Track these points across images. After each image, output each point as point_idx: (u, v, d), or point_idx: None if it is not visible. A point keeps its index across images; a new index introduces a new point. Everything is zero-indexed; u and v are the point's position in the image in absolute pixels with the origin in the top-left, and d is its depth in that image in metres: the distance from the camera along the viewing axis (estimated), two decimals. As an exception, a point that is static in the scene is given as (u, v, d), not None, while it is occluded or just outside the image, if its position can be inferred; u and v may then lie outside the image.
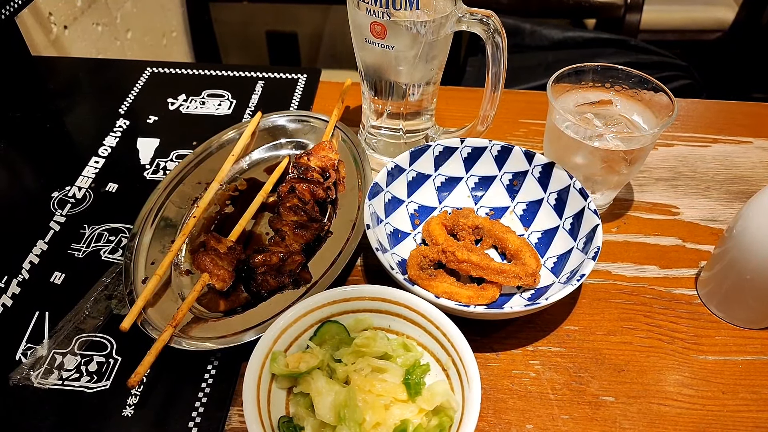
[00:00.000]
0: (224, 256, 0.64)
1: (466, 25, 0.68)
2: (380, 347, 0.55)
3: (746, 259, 0.58)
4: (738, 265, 0.59)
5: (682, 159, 0.83)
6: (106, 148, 0.85)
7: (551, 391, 0.58)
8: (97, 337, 0.62)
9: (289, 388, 0.55)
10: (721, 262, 0.62)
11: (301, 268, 0.65)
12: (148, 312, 0.61)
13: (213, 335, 0.59)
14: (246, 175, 0.79)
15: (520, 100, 0.94)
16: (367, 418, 0.50)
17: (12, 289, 0.66)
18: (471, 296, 0.61)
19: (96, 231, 0.73)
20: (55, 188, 0.78)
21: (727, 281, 0.62)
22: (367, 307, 0.58)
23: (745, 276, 0.58)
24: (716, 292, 0.64)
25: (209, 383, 0.58)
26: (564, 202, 0.69)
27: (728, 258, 0.60)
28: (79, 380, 0.58)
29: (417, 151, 0.73)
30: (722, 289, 0.63)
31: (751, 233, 0.57)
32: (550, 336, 0.63)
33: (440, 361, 0.56)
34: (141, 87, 0.96)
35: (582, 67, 0.72)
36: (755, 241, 0.57)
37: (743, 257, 0.58)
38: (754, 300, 0.60)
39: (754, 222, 0.57)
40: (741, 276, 0.59)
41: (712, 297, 0.65)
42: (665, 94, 0.68)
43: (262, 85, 0.97)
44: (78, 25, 1.27)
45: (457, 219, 0.69)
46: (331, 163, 0.75)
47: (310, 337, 0.57)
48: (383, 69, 0.72)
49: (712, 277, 0.64)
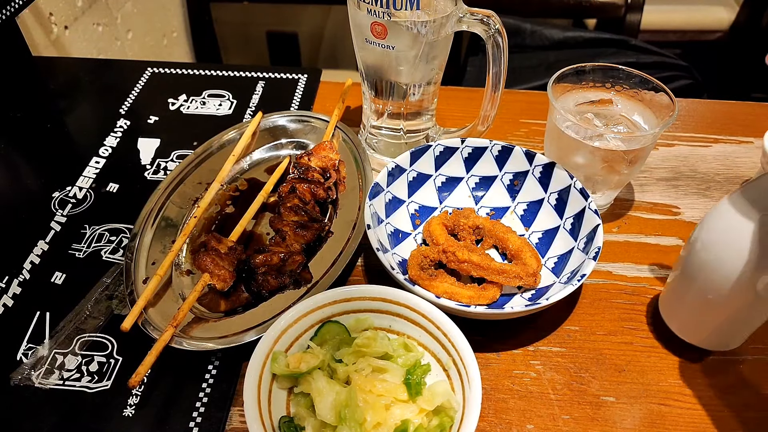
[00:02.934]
0: (225, 256, 0.64)
1: (467, 25, 0.68)
2: (381, 347, 0.55)
3: (708, 277, 0.53)
4: (699, 285, 0.54)
5: (682, 159, 0.83)
6: (107, 149, 0.85)
7: (552, 391, 0.58)
8: (98, 338, 0.62)
9: (290, 388, 0.55)
10: (681, 280, 0.58)
11: (302, 268, 0.65)
12: (149, 312, 0.61)
13: (214, 335, 0.59)
14: (247, 175, 0.79)
15: (521, 100, 0.94)
16: (368, 418, 0.50)
17: (13, 289, 0.66)
18: (472, 296, 0.61)
19: (97, 231, 0.73)
20: (56, 188, 0.78)
21: (689, 302, 0.57)
22: (367, 307, 0.58)
23: (707, 296, 0.54)
24: (678, 312, 0.60)
25: (210, 383, 0.58)
26: (565, 202, 0.69)
27: (688, 277, 0.56)
28: (80, 380, 0.58)
29: (417, 151, 0.73)
30: (684, 309, 0.58)
31: (713, 249, 0.52)
32: (551, 336, 0.63)
33: (441, 361, 0.56)
34: (141, 87, 0.96)
35: (582, 67, 0.72)
36: (718, 259, 0.52)
37: (704, 275, 0.53)
38: (718, 321, 0.56)
39: (715, 236, 0.52)
40: (703, 296, 0.54)
41: (673, 318, 0.60)
42: (666, 94, 0.68)
43: (263, 85, 0.97)
44: (78, 25, 1.27)
45: (458, 219, 0.69)
46: (332, 163, 0.75)
47: (311, 337, 0.57)
48: (384, 69, 0.72)
49: (673, 295, 0.60)
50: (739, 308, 0.53)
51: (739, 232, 0.49)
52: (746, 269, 0.49)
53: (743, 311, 0.54)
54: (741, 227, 0.49)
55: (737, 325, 0.57)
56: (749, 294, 0.51)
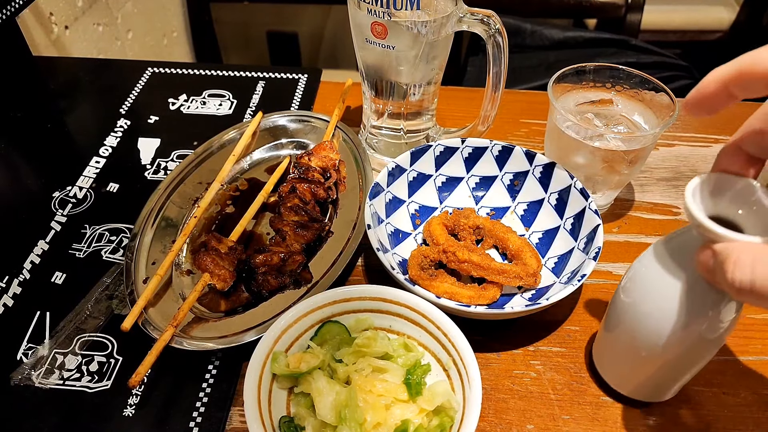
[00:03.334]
0: (225, 256, 0.64)
1: (467, 25, 0.68)
2: (381, 347, 0.55)
3: (633, 329, 0.50)
4: (624, 337, 0.52)
5: (683, 159, 0.83)
6: (107, 148, 0.85)
7: (552, 392, 0.58)
8: (98, 337, 0.62)
9: (290, 388, 0.55)
10: (608, 330, 0.55)
11: (302, 268, 0.65)
12: (149, 312, 0.61)
13: (214, 335, 0.59)
14: (247, 175, 0.79)
15: (521, 100, 0.94)
16: (368, 418, 0.50)
17: (13, 289, 0.66)
18: (472, 296, 0.61)
19: (97, 231, 0.73)
20: (56, 188, 0.78)
21: (622, 358, 0.54)
22: (367, 307, 0.58)
23: (642, 355, 0.51)
24: (613, 370, 0.57)
25: (210, 383, 0.58)
26: (565, 202, 0.69)
27: (614, 328, 0.53)
28: (80, 380, 0.58)
29: (418, 151, 0.73)
30: (618, 367, 0.56)
31: (638, 301, 0.49)
32: (551, 336, 0.63)
33: (441, 361, 0.56)
34: (142, 87, 0.96)
35: (583, 67, 0.72)
36: (642, 311, 0.49)
37: (630, 327, 0.50)
38: (653, 375, 0.53)
39: (639, 287, 0.49)
40: (637, 355, 0.51)
41: (607, 370, 0.57)
42: (666, 94, 0.68)
43: (263, 85, 0.97)
44: (79, 25, 1.27)
45: (458, 219, 0.69)
46: (332, 163, 0.75)
47: (311, 337, 0.57)
48: (384, 69, 0.72)
49: (600, 344, 0.57)
50: (662, 363, 0.51)
51: (661, 286, 0.47)
52: (671, 323, 0.47)
53: (668, 365, 0.51)
54: (663, 281, 0.46)
55: (665, 379, 0.53)
56: (675, 348, 0.48)
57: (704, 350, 0.49)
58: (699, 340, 0.47)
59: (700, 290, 0.45)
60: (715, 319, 0.46)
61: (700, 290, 0.45)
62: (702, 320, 0.46)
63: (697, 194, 0.43)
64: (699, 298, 0.45)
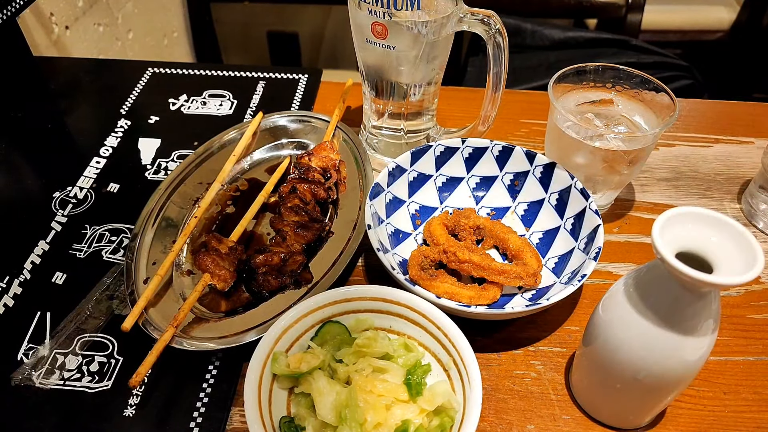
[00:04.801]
0: (225, 256, 0.64)
1: (467, 25, 0.68)
2: (381, 347, 0.55)
3: (611, 368, 0.50)
4: (604, 374, 0.51)
5: (683, 159, 0.83)
6: (108, 149, 0.85)
7: (552, 392, 0.58)
8: (99, 338, 0.62)
9: (291, 389, 0.55)
10: (586, 367, 0.55)
11: (303, 268, 0.65)
12: (150, 312, 0.61)
13: (214, 335, 0.59)
14: (247, 175, 0.79)
15: (522, 101, 0.94)
16: (369, 419, 0.50)
17: (14, 290, 0.66)
18: (472, 296, 0.61)
19: (97, 231, 0.73)
20: (57, 188, 0.78)
21: (596, 387, 0.54)
22: (368, 307, 0.58)
23: (615, 386, 0.51)
24: (588, 397, 0.56)
25: (210, 383, 0.58)
26: (565, 202, 0.69)
27: (593, 364, 0.53)
28: (80, 380, 0.58)
29: (418, 152, 0.73)
30: (593, 395, 0.55)
31: (608, 333, 0.49)
32: (552, 336, 0.63)
33: (441, 362, 0.56)
34: (142, 87, 0.96)
35: (583, 67, 0.72)
36: (612, 344, 0.49)
37: (601, 358, 0.50)
38: (629, 406, 0.53)
39: (609, 320, 0.49)
40: (611, 386, 0.51)
41: (585, 399, 0.57)
42: (666, 94, 0.68)
43: (263, 85, 0.97)
44: (79, 26, 1.27)
45: (459, 219, 0.69)
46: (333, 164, 0.75)
47: (312, 337, 0.57)
48: (384, 69, 0.72)
49: (580, 378, 0.57)
50: (634, 394, 0.51)
51: (630, 319, 0.47)
52: (643, 356, 0.47)
53: (641, 396, 0.51)
54: (631, 315, 0.47)
55: (637, 408, 0.53)
56: (648, 380, 0.48)
57: (679, 381, 0.49)
58: (672, 372, 0.47)
59: (673, 323, 0.45)
60: (688, 351, 0.46)
61: (673, 323, 0.45)
62: (675, 353, 0.46)
63: (668, 228, 0.43)
64: (672, 333, 0.45)
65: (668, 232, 0.43)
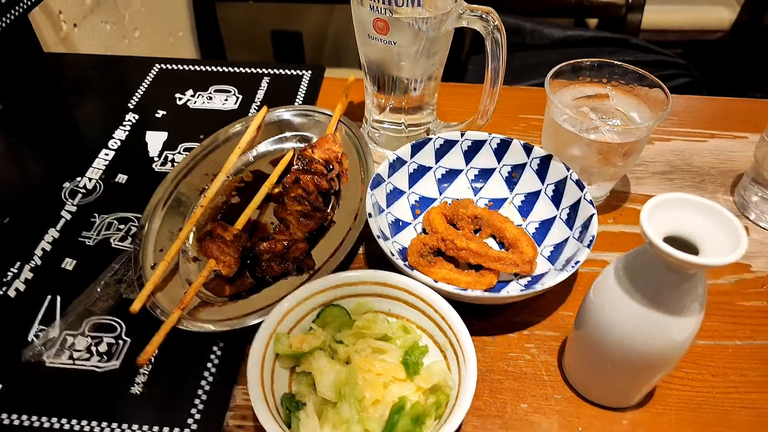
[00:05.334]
0: (230, 243, 0.66)
1: (467, 21, 0.70)
2: (380, 329, 0.57)
3: (595, 341, 0.52)
4: (595, 355, 0.54)
5: (678, 153, 0.85)
6: (116, 141, 0.87)
7: (545, 373, 0.60)
8: (107, 320, 0.64)
9: (292, 368, 0.57)
10: (577, 349, 0.57)
11: (305, 255, 0.67)
12: (157, 296, 0.63)
13: (219, 318, 0.61)
14: (252, 167, 0.81)
15: (520, 96, 0.96)
16: (367, 395, 0.52)
17: (25, 275, 0.68)
18: (469, 282, 0.63)
19: (106, 220, 0.75)
20: (67, 179, 0.81)
21: (588, 368, 0.56)
22: (368, 291, 0.60)
23: (605, 366, 0.53)
24: (580, 377, 0.58)
25: (215, 363, 0.60)
26: (561, 193, 0.71)
27: (584, 346, 0.55)
28: (89, 360, 0.60)
29: (418, 144, 0.75)
30: (585, 376, 0.58)
31: (600, 314, 0.51)
32: (546, 321, 0.65)
33: (438, 343, 0.58)
34: (149, 83, 0.98)
35: (579, 62, 0.74)
36: (603, 324, 0.51)
37: (592, 339, 0.53)
38: (619, 386, 0.55)
39: (601, 302, 0.51)
40: (602, 367, 0.53)
41: (576, 380, 0.59)
42: (660, 89, 0.70)
43: (268, 81, 0.99)
44: (87, 24, 1.30)
45: (457, 209, 0.71)
46: (335, 156, 0.77)
47: (313, 320, 0.59)
48: (386, 64, 0.74)
49: (572, 360, 0.59)
50: (624, 373, 0.53)
51: (620, 301, 0.49)
52: (631, 337, 0.49)
53: (630, 376, 0.53)
54: (621, 298, 0.48)
55: (627, 388, 0.55)
56: (638, 360, 0.50)
57: (666, 361, 0.51)
58: (660, 352, 0.49)
59: (661, 305, 0.47)
60: (675, 332, 0.48)
61: (661, 305, 0.47)
62: (662, 334, 0.48)
63: (656, 213, 0.45)
64: (660, 314, 0.47)
65: (656, 217, 0.45)
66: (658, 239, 0.43)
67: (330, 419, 0.52)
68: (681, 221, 0.45)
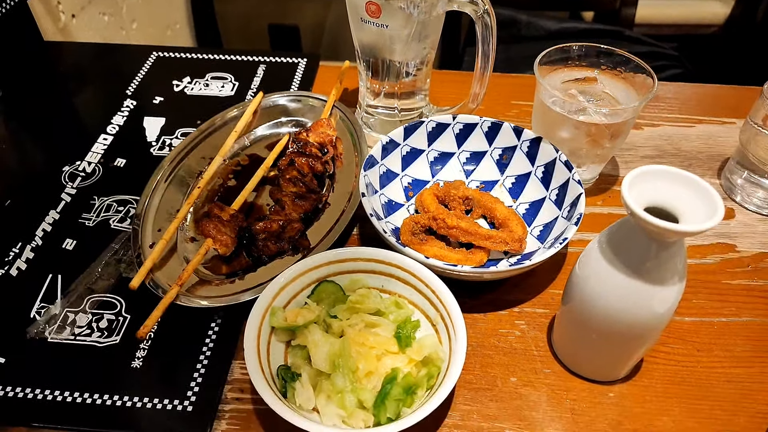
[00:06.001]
0: (227, 223, 0.67)
1: (457, 5, 0.72)
2: (373, 304, 0.59)
3: (581, 313, 0.54)
4: (582, 328, 0.55)
5: (666, 138, 0.87)
6: (114, 126, 0.88)
7: (535, 348, 0.62)
8: (108, 297, 0.65)
9: (288, 342, 0.59)
10: (565, 323, 0.59)
11: (300, 235, 0.68)
12: (156, 275, 0.64)
13: (216, 295, 0.63)
14: (248, 151, 0.83)
15: (512, 83, 0.97)
16: (360, 367, 0.54)
17: (26, 254, 0.70)
18: (460, 259, 0.65)
19: (105, 202, 0.76)
20: (67, 163, 0.82)
21: (576, 341, 0.58)
22: (361, 268, 0.62)
23: (591, 337, 0.55)
24: (568, 351, 0.60)
25: (213, 339, 0.62)
26: (550, 174, 0.72)
27: (572, 320, 0.57)
28: (90, 335, 0.62)
29: (411, 127, 0.76)
30: (573, 349, 0.59)
31: (586, 287, 0.53)
32: (536, 299, 0.66)
33: (430, 318, 0.60)
34: (147, 70, 1.00)
35: (569, 47, 0.75)
36: (589, 296, 0.52)
37: (579, 311, 0.54)
38: (606, 358, 0.57)
39: (587, 274, 0.53)
40: (589, 339, 0.55)
41: (565, 354, 0.60)
42: (646, 72, 0.72)
43: (264, 68, 1.00)
44: (85, 14, 1.31)
45: (449, 190, 0.73)
46: (329, 139, 0.78)
47: (308, 295, 0.61)
48: (378, 48, 0.75)
49: (560, 335, 0.61)
50: (610, 345, 0.55)
51: (604, 273, 0.50)
52: (618, 307, 0.50)
53: (616, 347, 0.55)
54: (605, 270, 0.50)
55: (614, 360, 0.57)
56: (624, 331, 0.52)
57: (650, 332, 0.52)
58: (644, 323, 0.51)
59: (643, 275, 0.48)
60: (656, 303, 0.49)
61: (643, 275, 0.48)
62: (645, 304, 0.50)
63: (636, 185, 0.46)
64: (642, 284, 0.49)
65: (637, 188, 0.47)
66: (639, 209, 0.44)
67: (324, 389, 0.54)
68: (661, 192, 0.47)
